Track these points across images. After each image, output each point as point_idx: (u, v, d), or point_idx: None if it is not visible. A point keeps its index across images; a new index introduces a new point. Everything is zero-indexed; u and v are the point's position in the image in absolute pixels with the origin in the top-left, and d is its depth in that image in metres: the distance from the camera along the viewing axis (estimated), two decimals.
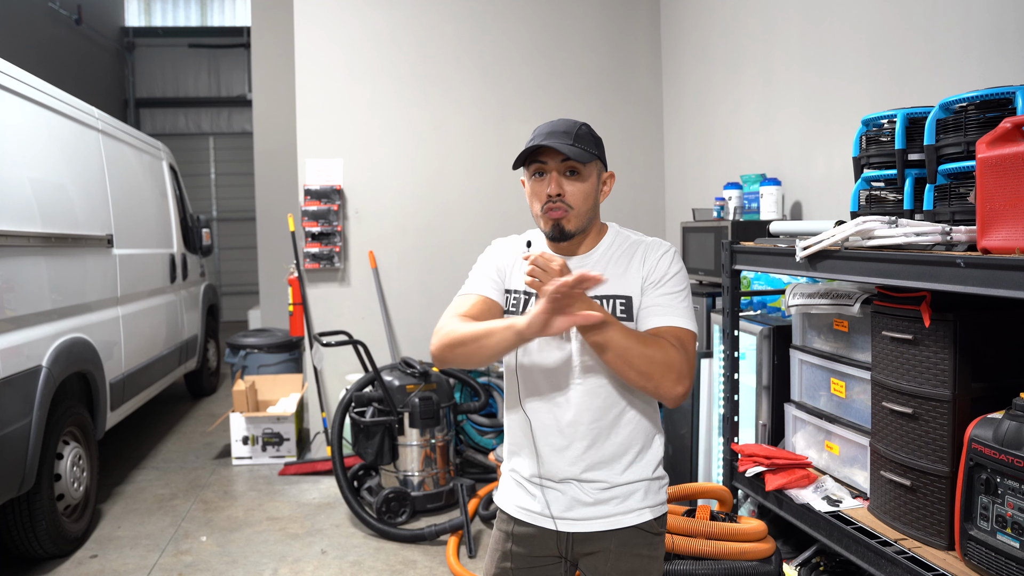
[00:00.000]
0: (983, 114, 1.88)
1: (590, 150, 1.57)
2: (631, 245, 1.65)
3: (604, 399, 1.58)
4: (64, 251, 3.75)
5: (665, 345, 1.49)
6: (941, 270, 1.70)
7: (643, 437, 1.62)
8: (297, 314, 4.91)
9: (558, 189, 1.55)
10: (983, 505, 1.72)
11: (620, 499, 1.59)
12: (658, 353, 1.47)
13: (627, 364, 1.47)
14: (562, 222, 1.57)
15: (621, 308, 1.58)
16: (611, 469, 1.59)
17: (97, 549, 3.62)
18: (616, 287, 1.59)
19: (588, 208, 1.59)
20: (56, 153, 3.84)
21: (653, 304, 1.57)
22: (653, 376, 1.47)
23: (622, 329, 1.47)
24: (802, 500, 2.29)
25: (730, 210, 3.64)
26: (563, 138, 1.55)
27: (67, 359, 3.57)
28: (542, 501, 1.62)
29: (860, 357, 2.33)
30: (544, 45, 5.12)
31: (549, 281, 1.39)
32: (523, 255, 1.45)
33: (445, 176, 5.04)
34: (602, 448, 1.59)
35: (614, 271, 1.60)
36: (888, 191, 2.22)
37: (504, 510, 1.70)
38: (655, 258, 1.61)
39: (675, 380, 1.49)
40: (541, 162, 1.58)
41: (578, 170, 1.57)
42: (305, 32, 4.89)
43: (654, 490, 1.63)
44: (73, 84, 6.96)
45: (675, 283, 1.59)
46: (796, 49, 3.53)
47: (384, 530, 3.67)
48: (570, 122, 1.60)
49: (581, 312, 1.41)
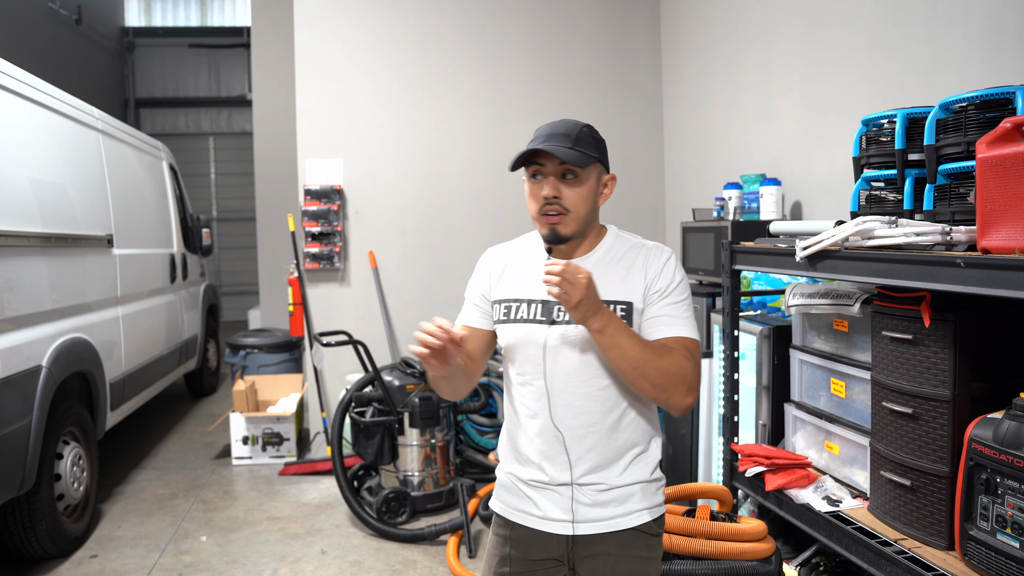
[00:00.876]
0: (983, 114, 1.88)
1: (589, 153, 1.56)
2: (630, 249, 1.63)
3: (605, 401, 1.58)
4: (64, 251, 3.75)
5: (678, 357, 1.51)
6: (941, 270, 1.70)
7: (643, 439, 1.62)
8: (297, 314, 4.91)
9: (554, 192, 1.54)
10: (983, 505, 1.72)
11: (619, 501, 1.59)
12: (673, 366, 1.49)
13: (643, 376, 1.48)
14: (558, 226, 1.56)
15: (622, 313, 1.57)
16: (610, 471, 1.59)
17: (97, 549, 3.62)
18: (616, 292, 1.58)
19: (586, 212, 1.58)
20: (56, 153, 3.84)
21: (660, 315, 1.57)
22: (666, 388, 1.49)
23: (639, 341, 1.48)
24: (802, 500, 2.29)
25: (730, 210, 3.64)
26: (562, 140, 1.54)
27: (67, 359, 3.57)
28: (542, 504, 1.61)
29: (860, 357, 2.32)
30: (544, 44, 5.13)
31: (575, 294, 1.40)
32: (545, 263, 1.44)
33: (445, 176, 5.04)
34: (603, 450, 1.58)
35: (613, 275, 1.59)
36: (888, 191, 2.22)
37: (501, 514, 1.69)
38: (658, 266, 1.60)
39: (686, 391, 1.51)
40: (539, 164, 1.56)
41: (576, 173, 1.55)
42: (305, 32, 4.89)
43: (652, 491, 1.62)
44: (73, 84, 6.96)
45: (679, 292, 1.59)
46: (796, 48, 3.53)
47: (384, 530, 3.67)
48: (571, 123, 1.58)
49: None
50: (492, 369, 4.58)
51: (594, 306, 1.44)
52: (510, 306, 1.64)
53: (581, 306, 1.42)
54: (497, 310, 1.66)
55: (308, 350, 4.91)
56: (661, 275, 1.59)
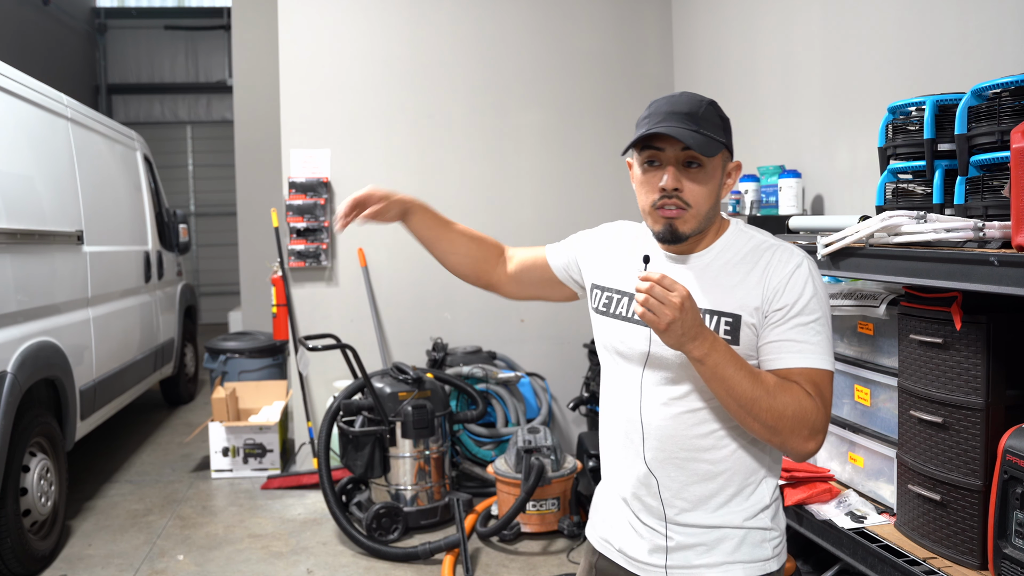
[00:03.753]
0: (1018, 101, 1.87)
1: (717, 138, 1.41)
2: (753, 249, 1.47)
3: (700, 424, 1.47)
4: (30, 248, 3.75)
5: (798, 395, 1.35)
6: (973, 269, 1.70)
7: (748, 474, 1.48)
8: (281, 316, 4.91)
9: (675, 184, 1.40)
10: (1018, 521, 1.72)
11: (707, 547, 1.46)
12: (790, 407, 1.34)
13: (752, 416, 1.34)
14: (676, 222, 1.42)
15: (726, 329, 1.42)
16: (702, 509, 1.48)
17: (66, 568, 3.62)
18: (724, 301, 1.43)
19: (709, 207, 1.44)
20: (22, 143, 3.84)
21: (783, 339, 1.39)
22: (781, 431, 1.35)
23: (749, 374, 1.33)
24: (824, 516, 2.29)
25: (746, 204, 3.64)
26: (685, 121, 1.39)
27: (33, 364, 3.57)
28: (628, 539, 1.54)
29: (886, 362, 2.33)
30: (546, 27, 5.12)
31: (665, 316, 1.26)
32: (639, 274, 1.30)
33: (440, 168, 5.04)
34: (694, 482, 1.49)
35: (728, 280, 1.44)
36: (916, 184, 2.22)
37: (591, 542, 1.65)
38: (783, 275, 1.41)
39: (807, 436, 1.36)
40: (657, 148, 1.42)
41: (701, 162, 1.41)
42: (290, 12, 4.89)
43: (753, 542, 1.46)
44: (40, 69, 6.97)
45: (811, 310, 1.39)
46: (817, 31, 3.53)
47: (375, 548, 3.68)
48: (695, 99, 1.43)
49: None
50: (491, 375, 4.58)
51: (691, 330, 1.29)
52: (611, 297, 1.55)
53: (673, 329, 1.27)
54: (596, 296, 1.59)
55: (293, 355, 4.91)
56: (787, 288, 1.40)
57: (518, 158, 5.10)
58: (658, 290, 1.26)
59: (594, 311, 1.61)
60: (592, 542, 1.65)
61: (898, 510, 2.17)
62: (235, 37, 8.02)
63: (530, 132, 5.10)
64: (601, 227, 1.70)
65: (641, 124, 1.44)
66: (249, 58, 7.97)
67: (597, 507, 1.65)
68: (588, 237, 1.70)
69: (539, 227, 5.00)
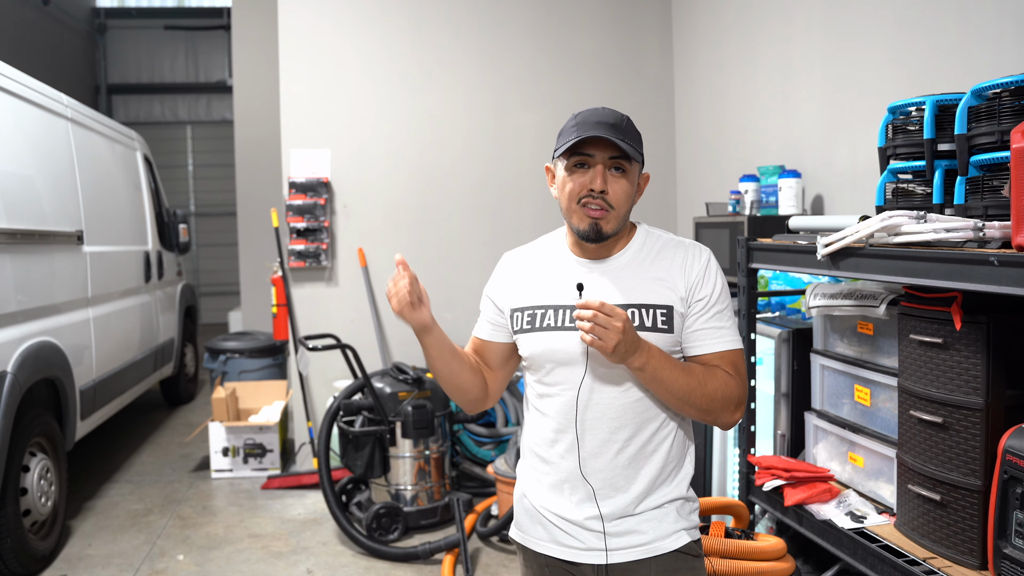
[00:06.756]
0: (1018, 101, 1.88)
1: (637, 147, 1.55)
2: (664, 247, 1.62)
3: (642, 413, 1.58)
4: (31, 248, 3.75)
5: (723, 378, 1.54)
6: (973, 269, 1.70)
7: (679, 452, 1.61)
8: (281, 316, 4.91)
9: (603, 185, 1.52)
10: (1018, 521, 1.72)
11: (656, 521, 1.57)
12: (719, 389, 1.53)
13: (689, 405, 1.52)
14: (600, 222, 1.53)
15: (662, 319, 1.55)
16: (646, 488, 1.58)
17: (66, 568, 3.62)
18: (653, 295, 1.56)
19: (627, 209, 1.57)
20: (22, 143, 3.84)
21: (705, 328, 1.57)
22: (713, 411, 1.54)
23: (682, 371, 1.50)
24: (824, 516, 2.30)
25: (746, 204, 3.64)
26: (611, 131, 1.51)
27: (34, 364, 3.57)
28: (571, 531, 1.58)
29: (886, 362, 2.33)
30: (546, 27, 5.13)
31: (611, 339, 1.39)
32: (576, 302, 1.43)
33: (440, 167, 5.05)
34: (639, 466, 1.58)
35: (647, 275, 1.58)
36: (916, 184, 2.22)
37: (522, 543, 1.66)
38: (699, 270, 1.58)
39: (733, 410, 1.56)
40: (587, 154, 1.53)
41: (624, 167, 1.54)
42: (290, 12, 4.89)
43: (688, 511, 1.61)
44: (40, 69, 6.98)
45: (723, 298, 1.59)
46: (818, 30, 3.53)
47: (375, 548, 3.68)
48: (616, 113, 1.56)
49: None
50: None
51: (632, 346, 1.43)
52: (534, 314, 1.61)
53: (618, 350, 1.41)
54: (518, 319, 1.64)
55: (293, 355, 4.91)
56: (704, 281, 1.58)
57: (518, 158, 5.10)
58: (601, 317, 1.39)
59: (517, 333, 1.64)
60: (530, 546, 1.64)
61: (898, 510, 2.17)
62: (235, 37, 8.02)
63: (530, 132, 5.10)
64: (496, 270, 1.74)
65: (570, 132, 1.55)
66: (249, 58, 7.97)
67: (527, 510, 1.66)
68: (492, 285, 1.72)
69: (539, 227, 4.95)
